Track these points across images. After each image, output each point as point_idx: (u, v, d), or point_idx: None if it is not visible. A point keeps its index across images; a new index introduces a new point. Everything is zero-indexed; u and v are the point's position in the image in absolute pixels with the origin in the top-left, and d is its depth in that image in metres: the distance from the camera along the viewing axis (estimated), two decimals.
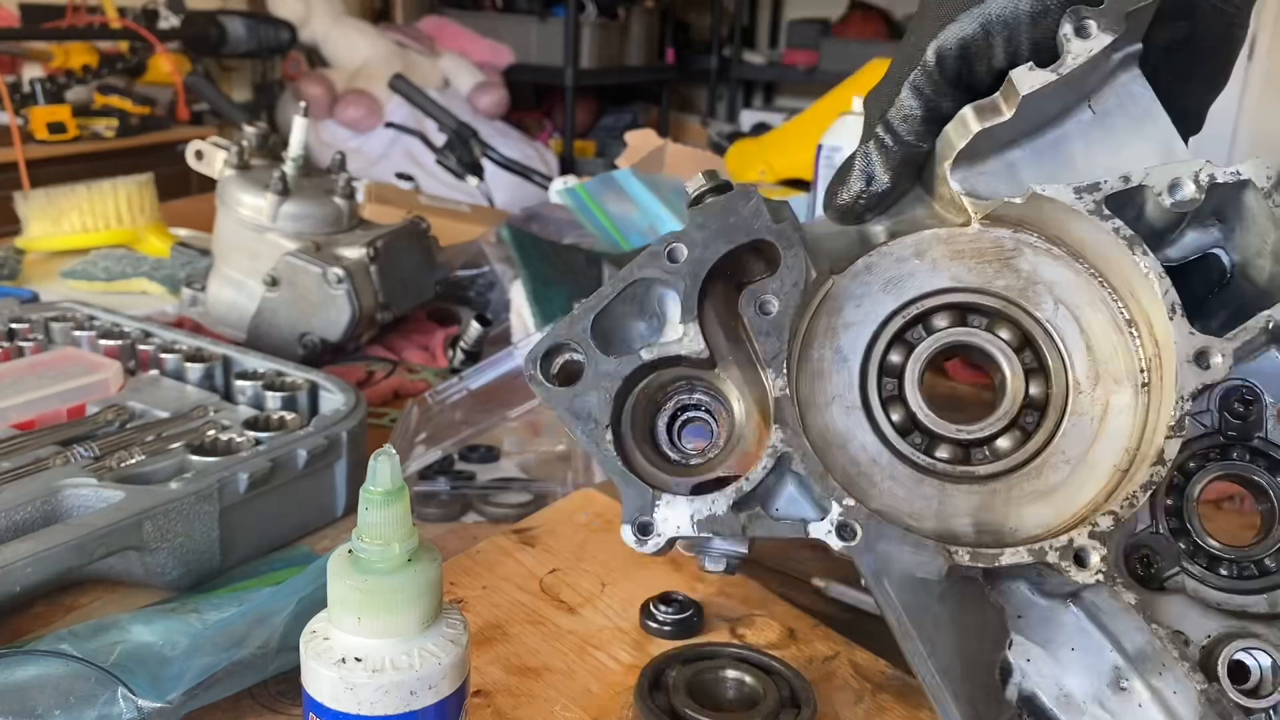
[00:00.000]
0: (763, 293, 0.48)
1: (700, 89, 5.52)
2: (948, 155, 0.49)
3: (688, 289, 0.48)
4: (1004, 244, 0.50)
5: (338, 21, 3.80)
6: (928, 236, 0.51)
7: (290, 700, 0.61)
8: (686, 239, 0.48)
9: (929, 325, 0.51)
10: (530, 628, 0.67)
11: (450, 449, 0.89)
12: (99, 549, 0.66)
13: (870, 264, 0.51)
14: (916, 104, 0.50)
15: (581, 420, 0.48)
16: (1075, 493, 0.49)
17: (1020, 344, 0.50)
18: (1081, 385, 0.49)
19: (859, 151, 0.52)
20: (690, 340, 0.48)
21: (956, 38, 0.48)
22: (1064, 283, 0.50)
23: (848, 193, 0.52)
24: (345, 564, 0.44)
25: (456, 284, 1.39)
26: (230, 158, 1.18)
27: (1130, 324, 0.49)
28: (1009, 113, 0.47)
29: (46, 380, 0.86)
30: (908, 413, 0.50)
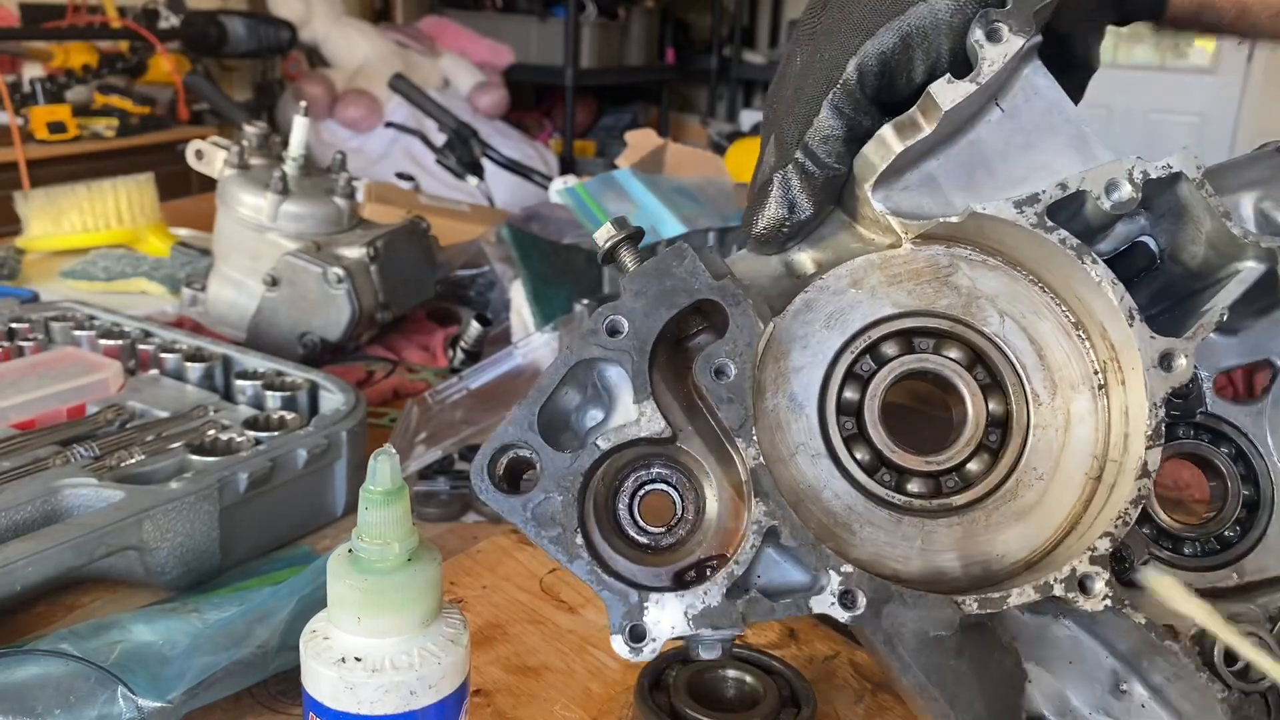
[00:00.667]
0: (716, 357, 0.45)
1: (700, 89, 5.53)
2: (868, 176, 0.47)
3: (636, 365, 0.44)
4: (939, 262, 0.48)
5: (338, 21, 3.80)
6: (861, 264, 0.48)
7: (290, 699, 0.61)
8: (624, 310, 0.44)
9: (878, 355, 0.49)
10: (530, 627, 0.67)
11: (450, 448, 0.89)
12: (99, 548, 0.66)
13: (809, 301, 0.48)
14: (838, 124, 0.47)
15: (545, 527, 0.44)
16: (1052, 508, 0.48)
17: (971, 362, 0.49)
18: (1040, 396, 0.48)
19: (776, 178, 0.48)
20: (649, 420, 0.45)
21: (877, 52, 0.46)
22: (1005, 293, 0.49)
23: (767, 221, 0.49)
24: (345, 563, 0.44)
25: (456, 284, 1.39)
26: (230, 157, 1.18)
27: (1077, 326, 0.48)
28: (929, 128, 0.45)
29: (46, 380, 0.86)
30: (872, 450, 0.48)
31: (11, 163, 2.57)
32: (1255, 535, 0.52)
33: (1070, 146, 0.47)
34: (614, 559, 0.45)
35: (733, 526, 0.46)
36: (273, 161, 1.20)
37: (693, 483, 0.47)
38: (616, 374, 0.45)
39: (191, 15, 3.24)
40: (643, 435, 0.45)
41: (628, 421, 0.45)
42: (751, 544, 0.44)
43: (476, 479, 0.44)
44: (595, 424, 0.46)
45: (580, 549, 0.44)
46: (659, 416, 0.45)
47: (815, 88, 0.47)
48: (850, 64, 0.46)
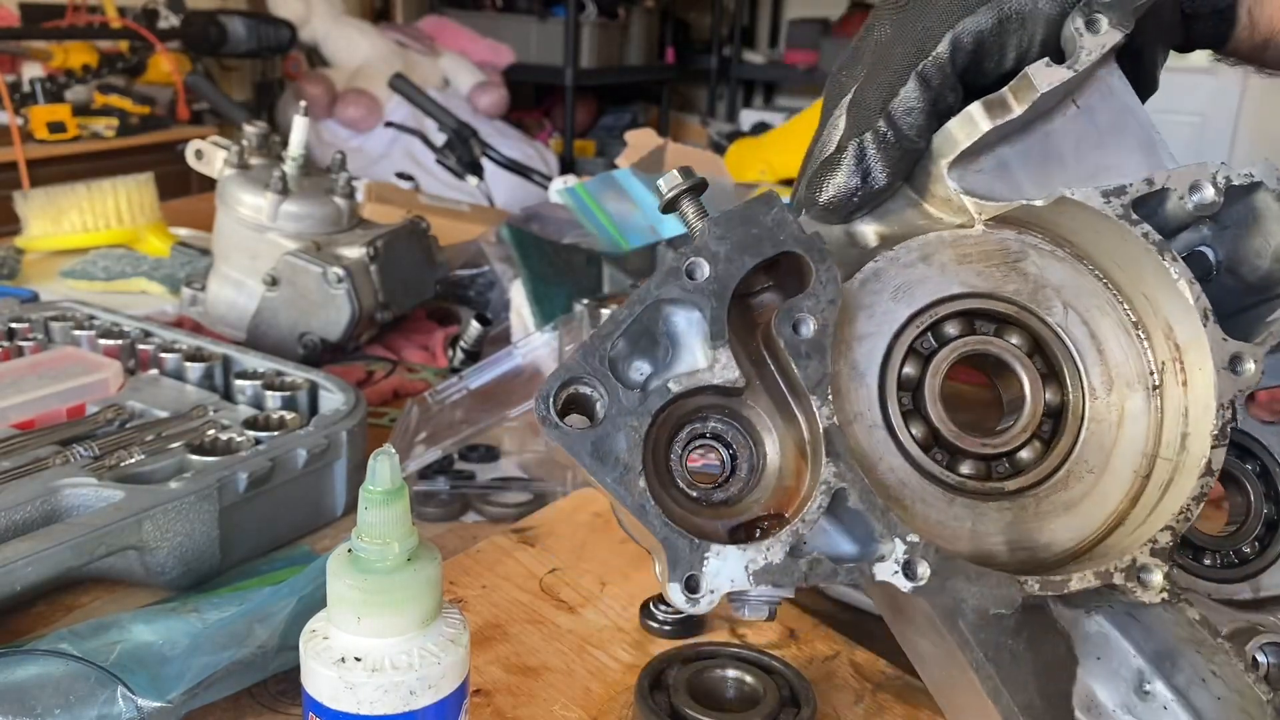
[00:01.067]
0: (798, 311, 0.44)
1: (700, 88, 5.52)
2: (947, 153, 0.47)
3: (715, 310, 0.43)
4: (1010, 246, 0.49)
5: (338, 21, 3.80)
6: (933, 240, 0.48)
7: (290, 699, 0.61)
8: (706, 254, 0.43)
9: (939, 334, 0.49)
10: (530, 627, 0.67)
11: (450, 448, 0.89)
12: (99, 548, 0.66)
13: (878, 270, 0.48)
14: (924, 96, 0.46)
15: (609, 466, 0.42)
16: (1101, 502, 0.48)
17: (1031, 350, 0.49)
18: (1097, 391, 0.49)
19: (852, 145, 0.47)
20: (723, 368, 0.44)
21: (974, 30, 0.45)
22: (1071, 286, 0.49)
23: (838, 189, 0.48)
24: (345, 563, 0.44)
25: (456, 283, 1.39)
26: (230, 157, 1.18)
27: (1137, 325, 0.49)
28: (1019, 109, 0.46)
29: (46, 380, 0.86)
30: (928, 428, 0.48)
31: (11, 162, 2.57)
32: (1274, 552, 0.52)
33: (1139, 149, 0.48)
34: (672, 509, 0.45)
35: (792, 485, 0.46)
36: (272, 161, 1.20)
37: (753, 438, 0.47)
38: (685, 320, 0.44)
39: (191, 15, 3.24)
40: (715, 382, 0.44)
41: (699, 368, 0.44)
42: (820, 504, 0.43)
43: (541, 408, 0.42)
44: (644, 375, 0.45)
45: (644, 492, 0.43)
46: (733, 364, 0.44)
47: (904, 58, 0.46)
48: (946, 37, 0.46)
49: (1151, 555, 0.46)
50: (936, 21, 0.46)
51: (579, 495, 0.84)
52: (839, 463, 0.44)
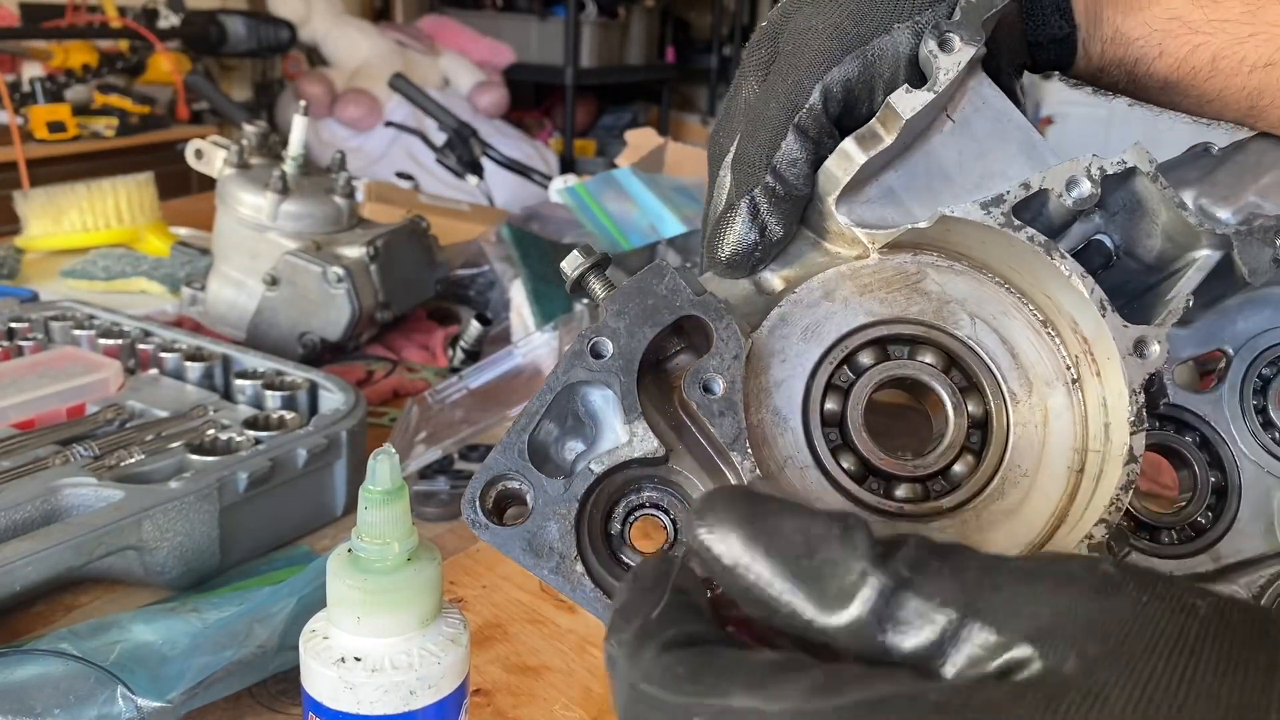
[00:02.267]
0: (704, 373, 0.45)
1: (700, 88, 5.52)
2: (831, 190, 0.48)
3: (624, 384, 0.44)
4: (907, 269, 0.49)
5: (338, 20, 3.80)
6: (832, 276, 0.49)
7: (290, 699, 0.61)
8: (608, 331, 0.44)
9: (855, 365, 0.49)
10: (530, 627, 0.67)
11: (450, 448, 0.89)
12: (98, 548, 0.66)
13: (784, 315, 0.49)
14: (804, 147, 0.48)
15: (544, 558, 0.43)
16: (1039, 503, 0.49)
17: (946, 366, 0.50)
18: (1017, 395, 0.49)
19: (743, 203, 0.49)
20: (641, 440, 0.44)
21: (841, 79, 0.47)
22: (974, 297, 0.50)
23: (738, 245, 0.49)
24: (345, 563, 0.44)
25: (456, 283, 1.39)
26: (230, 157, 1.18)
27: (1045, 324, 0.49)
28: (890, 138, 0.47)
29: (46, 379, 0.86)
30: (858, 459, 0.48)
31: (11, 162, 2.57)
32: (1227, 519, 0.54)
33: (1021, 153, 0.49)
34: (614, 586, 0.45)
35: None
36: (272, 161, 1.20)
37: (686, 503, 0.47)
38: (601, 398, 0.45)
39: (191, 14, 3.24)
40: (636, 456, 0.44)
41: (619, 444, 0.45)
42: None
43: (469, 511, 0.43)
44: (576, 455, 0.46)
45: (582, 576, 0.43)
46: (651, 436, 0.44)
47: (779, 113, 0.48)
48: (816, 90, 0.47)
49: (1089, 551, 0.46)
50: (805, 75, 0.47)
51: None
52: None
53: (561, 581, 0.43)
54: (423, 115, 2.39)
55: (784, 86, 0.48)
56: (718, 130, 0.54)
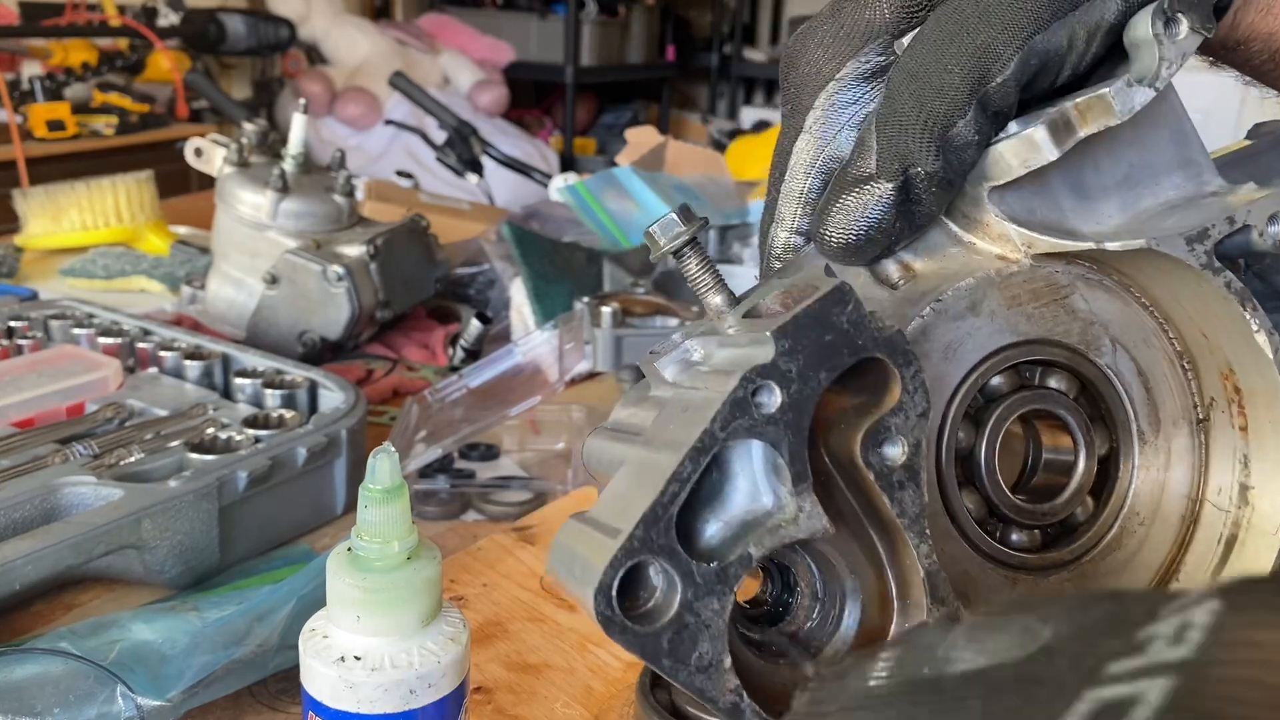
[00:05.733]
0: (883, 432, 0.36)
1: (701, 86, 5.52)
2: (995, 177, 0.40)
3: (794, 445, 0.34)
4: (1058, 281, 0.42)
5: (337, 19, 3.80)
6: (980, 283, 0.40)
7: (290, 698, 0.60)
8: (775, 374, 0.34)
9: (988, 390, 0.42)
10: (531, 625, 0.67)
11: (450, 447, 0.88)
12: (98, 547, 0.65)
13: (925, 327, 0.40)
14: (981, 127, 0.39)
15: (690, 664, 0.33)
16: (1149, 555, 0.45)
17: (1077, 394, 0.44)
18: (1145, 434, 0.44)
19: (892, 181, 0.39)
20: (809, 517, 0.35)
21: (1043, 49, 0.38)
22: (1119, 319, 0.43)
23: (875, 228, 0.39)
24: (344, 562, 0.43)
25: (456, 282, 1.39)
26: (230, 155, 1.18)
27: (1182, 357, 0.44)
28: (1086, 131, 0.38)
29: (45, 378, 0.86)
30: (982, 499, 0.42)
31: (10, 161, 2.56)
32: None
33: (1172, 143, 0.42)
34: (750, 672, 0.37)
35: (877, 625, 0.38)
36: (272, 159, 1.20)
37: (816, 561, 0.38)
38: (744, 458, 0.35)
39: (191, 13, 3.24)
40: (801, 536, 0.35)
41: (772, 514, 0.35)
42: None
43: (603, 606, 0.32)
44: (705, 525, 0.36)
45: (738, 690, 0.34)
46: (820, 511, 0.35)
47: (959, 81, 0.38)
48: (1016, 58, 0.38)
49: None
50: (1000, 38, 0.38)
51: (580, 493, 0.84)
52: (942, 608, 0.37)
53: (713, 692, 0.34)
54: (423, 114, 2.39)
55: (968, 47, 0.38)
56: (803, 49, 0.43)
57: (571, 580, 0.34)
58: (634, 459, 0.37)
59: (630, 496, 0.34)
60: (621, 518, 0.33)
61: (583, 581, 0.33)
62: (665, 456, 0.34)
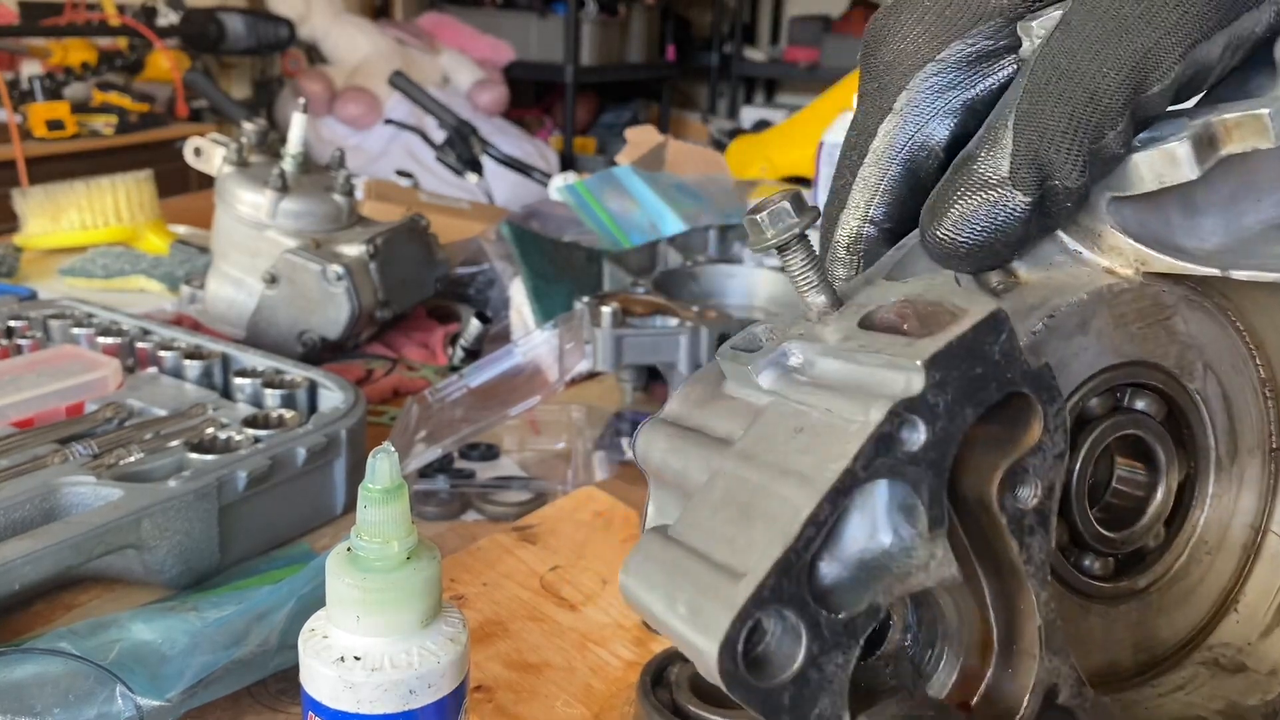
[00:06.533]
0: (1019, 474, 0.33)
1: (701, 86, 5.52)
2: (1121, 189, 0.37)
3: (934, 488, 0.31)
4: (1164, 301, 0.40)
5: (337, 18, 3.80)
6: (1091, 301, 0.38)
7: (290, 698, 0.60)
8: (923, 409, 0.30)
9: (1084, 412, 0.40)
10: (531, 624, 0.67)
11: (450, 447, 0.88)
12: (97, 547, 0.65)
13: (1035, 344, 0.37)
14: (1126, 137, 0.35)
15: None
16: (1213, 584, 0.44)
17: (1164, 416, 0.42)
18: (1223, 462, 0.43)
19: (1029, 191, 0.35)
20: (940, 565, 0.32)
21: (1203, 60, 0.35)
22: (1214, 343, 0.42)
23: (1005, 235, 0.36)
24: (344, 562, 0.43)
25: (456, 281, 1.38)
26: (229, 155, 1.18)
27: (1266, 384, 0.43)
28: (1228, 150, 0.36)
29: (45, 378, 0.86)
30: (1067, 526, 0.40)
31: (10, 160, 2.57)
32: None
33: (1274, 156, 0.39)
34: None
35: (976, 666, 0.37)
36: (271, 159, 1.20)
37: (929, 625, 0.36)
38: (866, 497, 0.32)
39: (190, 12, 3.24)
40: (931, 584, 0.32)
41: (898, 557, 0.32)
42: (1033, 711, 0.35)
43: (728, 665, 0.29)
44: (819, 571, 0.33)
45: None
46: (952, 558, 0.32)
47: (1116, 85, 0.34)
48: (1179, 65, 0.34)
49: None
50: (1165, 42, 0.34)
51: (580, 493, 0.84)
52: (1056, 658, 0.35)
53: None
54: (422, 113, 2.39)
55: (1129, 50, 0.34)
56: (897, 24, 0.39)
57: (672, 617, 0.31)
58: (733, 477, 0.33)
59: (744, 531, 0.31)
60: (740, 557, 0.30)
61: (693, 625, 0.30)
62: (787, 489, 0.31)
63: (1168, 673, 0.43)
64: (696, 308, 1.06)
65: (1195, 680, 0.43)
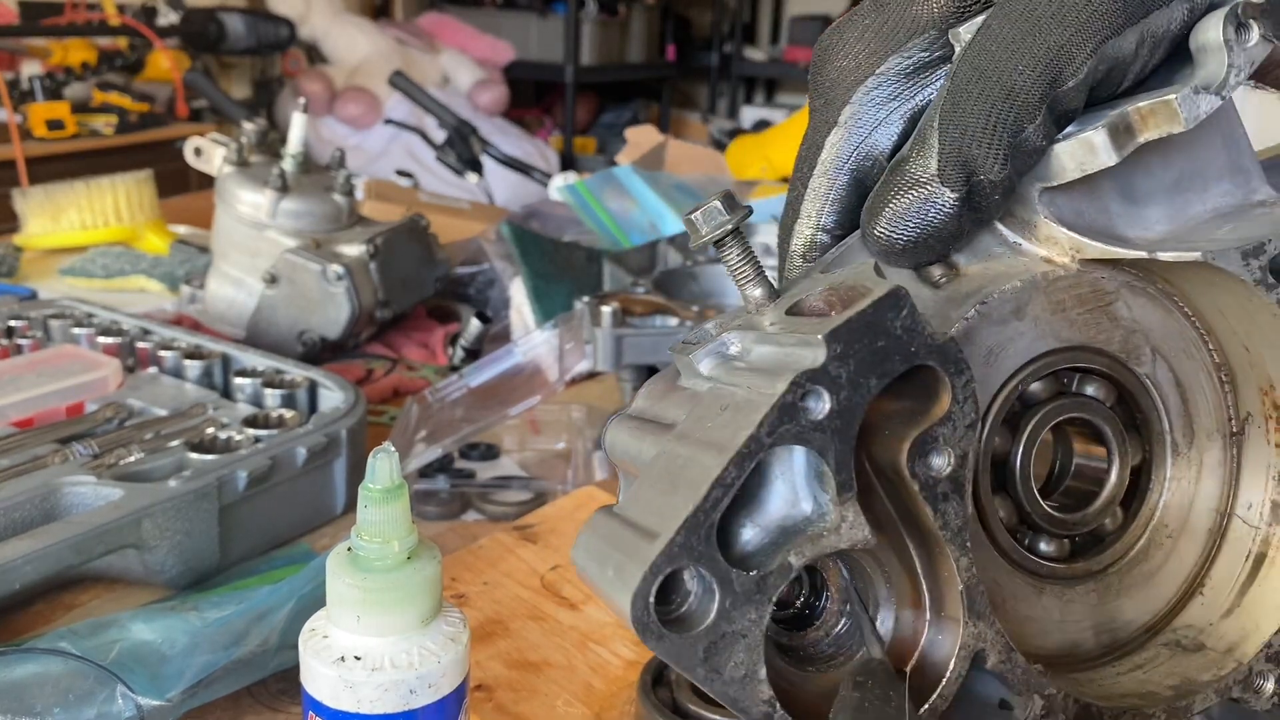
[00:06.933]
0: (930, 443, 0.35)
1: (701, 85, 5.52)
2: (1048, 179, 0.39)
3: (840, 453, 0.33)
4: (1103, 287, 0.41)
5: (337, 18, 3.80)
6: (1026, 288, 0.39)
7: (290, 698, 0.60)
8: (825, 380, 0.32)
9: (1026, 395, 0.41)
10: (531, 623, 0.67)
11: (450, 447, 0.88)
12: (98, 547, 0.65)
13: (968, 330, 0.38)
14: (1047, 133, 0.37)
15: (726, 674, 0.33)
16: (1176, 567, 0.44)
17: (1114, 400, 0.43)
18: (1179, 446, 0.43)
19: (956, 188, 0.37)
20: (852, 527, 0.34)
21: (1115, 55, 0.37)
22: (1160, 329, 0.42)
23: (936, 231, 0.37)
24: (344, 562, 0.43)
25: (456, 281, 1.39)
26: (229, 155, 1.18)
27: (1220, 368, 0.44)
28: (1145, 138, 0.37)
29: (45, 378, 0.86)
30: (1015, 506, 0.41)
31: (10, 160, 2.57)
32: None
33: (1224, 148, 0.41)
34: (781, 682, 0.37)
35: (908, 637, 0.38)
36: (271, 159, 1.20)
37: (863, 592, 0.38)
38: (777, 455, 0.34)
39: (190, 12, 3.24)
40: (843, 546, 0.34)
41: (812, 522, 0.34)
42: (959, 674, 0.36)
43: (640, 613, 0.31)
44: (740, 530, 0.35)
45: (772, 701, 0.33)
46: (864, 522, 0.34)
47: (1030, 83, 0.36)
48: (1090, 61, 0.36)
49: (1267, 661, 0.41)
50: (1075, 40, 0.36)
51: (580, 493, 0.84)
52: (980, 623, 0.37)
53: (747, 702, 0.33)
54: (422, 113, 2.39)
55: (1042, 48, 0.36)
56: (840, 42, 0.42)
57: (603, 580, 0.33)
58: (668, 454, 0.35)
59: (668, 497, 0.33)
60: (659, 520, 0.32)
61: (617, 584, 0.32)
62: (706, 458, 0.33)
63: (1131, 654, 0.44)
64: (696, 308, 1.06)
65: (1155, 660, 0.44)
